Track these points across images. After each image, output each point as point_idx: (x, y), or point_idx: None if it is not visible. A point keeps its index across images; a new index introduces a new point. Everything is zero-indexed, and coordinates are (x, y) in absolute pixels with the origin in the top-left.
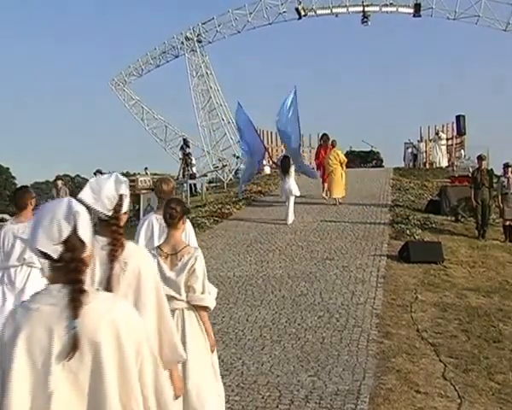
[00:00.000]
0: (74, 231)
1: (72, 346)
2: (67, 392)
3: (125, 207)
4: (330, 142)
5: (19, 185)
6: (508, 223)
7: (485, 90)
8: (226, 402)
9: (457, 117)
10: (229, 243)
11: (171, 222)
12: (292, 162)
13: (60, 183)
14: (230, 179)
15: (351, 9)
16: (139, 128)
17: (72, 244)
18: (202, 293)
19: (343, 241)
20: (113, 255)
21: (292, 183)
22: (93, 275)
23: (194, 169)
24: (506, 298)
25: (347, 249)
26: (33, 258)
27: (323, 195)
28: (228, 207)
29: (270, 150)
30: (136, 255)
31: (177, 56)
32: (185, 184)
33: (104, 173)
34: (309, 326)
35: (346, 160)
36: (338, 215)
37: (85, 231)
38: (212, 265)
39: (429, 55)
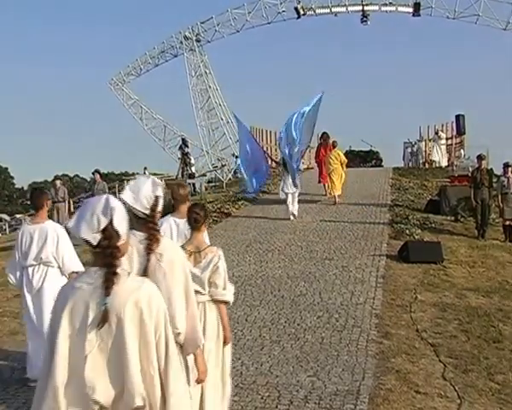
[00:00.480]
0: (110, 222)
1: (102, 319)
2: (98, 355)
3: (160, 206)
4: (331, 142)
5: (18, 185)
6: (507, 223)
7: (485, 89)
8: None
9: (457, 116)
10: (228, 242)
11: (195, 225)
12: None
13: (58, 182)
14: (229, 179)
15: (350, 9)
16: (138, 128)
17: (109, 234)
18: (224, 289)
19: (342, 241)
20: (149, 249)
21: (293, 180)
22: (131, 263)
23: (193, 169)
24: (506, 298)
25: (347, 249)
26: (50, 258)
27: (324, 192)
28: (227, 206)
29: (269, 149)
30: (170, 249)
31: (175, 56)
32: None
33: (102, 173)
34: (308, 326)
35: (346, 160)
36: (337, 215)
37: (120, 223)
38: None
39: (429, 54)
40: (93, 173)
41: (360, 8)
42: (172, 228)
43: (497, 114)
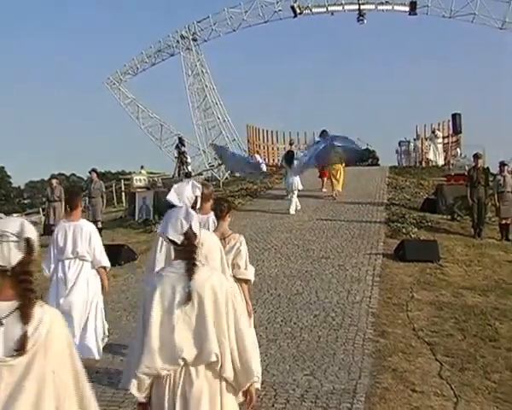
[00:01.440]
0: (190, 227)
1: (187, 298)
2: (183, 325)
3: (198, 204)
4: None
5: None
6: (504, 221)
7: (482, 88)
8: None
9: (453, 115)
10: None
11: (220, 215)
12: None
13: (55, 182)
14: (226, 178)
15: (346, 7)
16: (135, 127)
17: (189, 235)
18: (245, 269)
19: (339, 239)
20: None
21: (295, 177)
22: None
23: (189, 168)
24: (502, 297)
25: (343, 248)
26: (84, 252)
27: (323, 189)
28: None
29: (266, 149)
30: (208, 238)
31: (172, 55)
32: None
33: (99, 172)
34: (305, 325)
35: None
36: (334, 214)
37: (197, 227)
38: None
39: (425, 53)
40: (90, 172)
41: (356, 6)
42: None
43: (493, 113)
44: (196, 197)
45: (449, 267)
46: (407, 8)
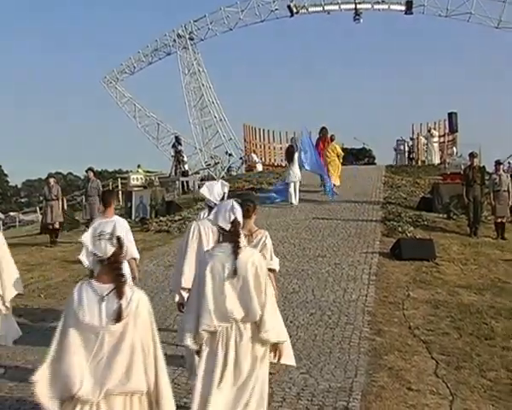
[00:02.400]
0: (236, 217)
1: (234, 272)
2: (231, 293)
3: (225, 200)
4: (329, 136)
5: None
6: (499, 220)
7: (478, 87)
8: None
9: (449, 114)
10: None
11: (246, 214)
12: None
13: (52, 180)
14: (223, 177)
15: (343, 7)
16: (131, 126)
17: (235, 223)
18: (271, 260)
19: (335, 238)
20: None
21: (296, 169)
22: (214, 237)
23: (186, 166)
24: (498, 295)
25: (339, 247)
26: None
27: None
28: None
29: (262, 148)
30: None
31: (169, 54)
32: (177, 182)
33: (96, 171)
34: (301, 324)
35: (342, 153)
36: (330, 213)
37: (240, 217)
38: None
39: (421, 52)
40: (86, 171)
41: (353, 6)
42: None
43: (489, 112)
44: (224, 193)
45: (445, 266)
46: (403, 8)
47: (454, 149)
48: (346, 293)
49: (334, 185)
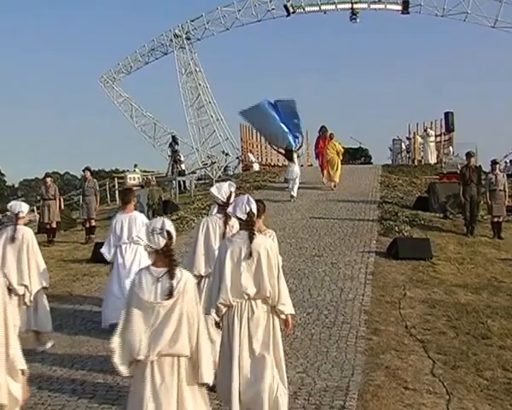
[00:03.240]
0: (251, 209)
1: (249, 254)
2: (246, 272)
3: (232, 198)
4: (329, 134)
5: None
6: (496, 219)
7: (474, 87)
8: (214, 399)
9: (446, 114)
10: None
11: (257, 213)
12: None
13: (49, 180)
14: (219, 176)
15: (339, 6)
16: (128, 125)
17: (250, 214)
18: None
19: (332, 238)
20: (226, 222)
21: (296, 167)
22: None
23: (183, 166)
24: (494, 294)
25: (336, 246)
26: (139, 238)
27: (323, 180)
28: None
29: (259, 147)
30: (237, 222)
31: (165, 53)
32: (174, 182)
33: (93, 171)
34: (298, 323)
35: (342, 150)
36: (327, 212)
37: (255, 209)
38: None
39: (418, 51)
40: (83, 171)
41: (349, 5)
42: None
43: (485, 111)
44: (231, 192)
45: (441, 265)
46: (400, 7)
47: (450, 148)
48: (342, 292)
49: (334, 185)
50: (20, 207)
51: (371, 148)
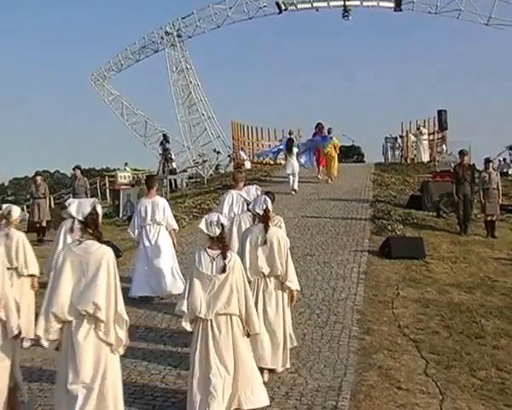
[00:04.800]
0: (267, 206)
1: (264, 242)
2: (262, 256)
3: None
4: (327, 129)
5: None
6: (489, 218)
7: (468, 85)
8: None
9: (439, 112)
10: None
11: None
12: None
13: (39, 179)
14: (211, 175)
15: (331, 3)
16: (119, 123)
17: (267, 210)
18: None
19: (324, 236)
20: (254, 218)
21: (294, 161)
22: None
23: (173, 164)
24: (488, 294)
25: (328, 245)
26: (160, 219)
27: (318, 176)
28: (208, 202)
29: (251, 145)
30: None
31: (156, 51)
32: (165, 180)
33: (84, 169)
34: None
35: (339, 144)
36: (319, 211)
37: (270, 207)
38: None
39: (410, 49)
40: (73, 169)
41: (341, 2)
42: (233, 197)
43: (479, 109)
44: (257, 194)
45: (434, 264)
46: (392, 4)
47: (443, 146)
48: (335, 292)
49: (331, 178)
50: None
51: (364, 146)
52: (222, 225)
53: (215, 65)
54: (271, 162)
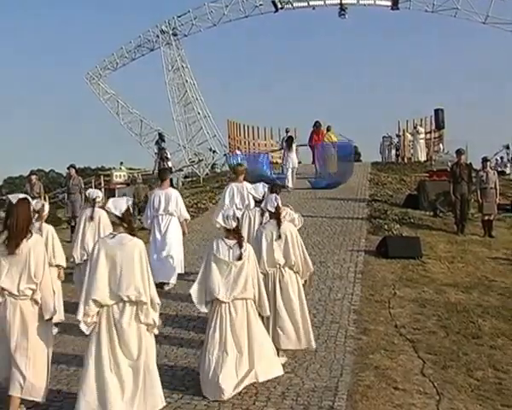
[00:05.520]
0: (278, 203)
1: (278, 236)
2: (277, 249)
3: (265, 195)
4: (326, 127)
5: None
6: (486, 218)
7: (465, 84)
8: (202, 399)
9: (436, 111)
10: (205, 238)
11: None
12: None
13: (34, 178)
14: (207, 174)
15: (328, 2)
16: (114, 122)
17: (278, 207)
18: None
19: (320, 236)
20: (262, 212)
21: (293, 157)
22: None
23: (169, 164)
24: (485, 294)
25: (325, 245)
26: (172, 210)
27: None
28: (204, 201)
29: (247, 144)
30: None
31: (152, 50)
32: None
33: (79, 168)
34: None
35: (337, 141)
36: (315, 210)
37: (281, 204)
38: (189, 260)
39: (407, 47)
40: (68, 168)
41: (338, 1)
42: (234, 189)
43: (476, 108)
44: (265, 192)
45: (431, 264)
46: (389, 3)
47: (440, 145)
48: (331, 291)
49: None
50: (97, 193)
51: (360, 145)
52: (237, 218)
53: (211, 63)
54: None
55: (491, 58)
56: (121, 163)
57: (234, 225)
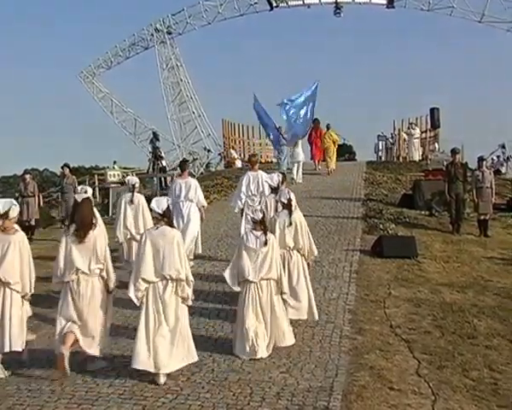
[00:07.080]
0: (289, 197)
1: (290, 224)
2: (288, 234)
3: (280, 184)
4: (326, 125)
5: None
6: (482, 217)
7: (460, 83)
8: (196, 399)
9: (431, 110)
10: (203, 236)
11: (283, 180)
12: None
13: (28, 177)
14: (201, 173)
15: (323, 0)
16: (108, 121)
17: (290, 200)
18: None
19: (315, 235)
20: (276, 201)
21: (300, 151)
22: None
23: (163, 163)
24: (481, 293)
25: (320, 244)
26: (192, 197)
27: (319, 166)
28: None
29: (241, 143)
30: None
31: (146, 48)
32: (155, 179)
33: (73, 168)
34: None
35: (337, 139)
36: (310, 209)
37: (293, 196)
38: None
39: (403, 46)
40: (62, 167)
41: None
42: (250, 177)
43: (471, 107)
44: (279, 180)
45: (427, 264)
46: (384, 1)
47: (436, 145)
48: (326, 291)
49: (333, 169)
50: (136, 180)
51: (355, 144)
52: (263, 211)
53: (206, 62)
54: (262, 161)
55: (486, 57)
56: (114, 162)
57: (260, 216)
